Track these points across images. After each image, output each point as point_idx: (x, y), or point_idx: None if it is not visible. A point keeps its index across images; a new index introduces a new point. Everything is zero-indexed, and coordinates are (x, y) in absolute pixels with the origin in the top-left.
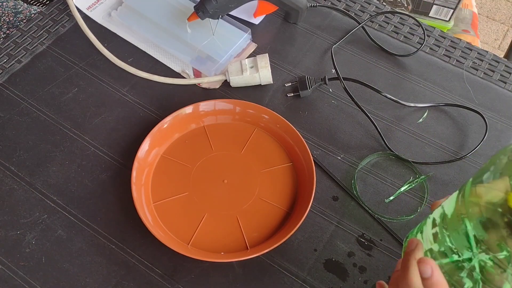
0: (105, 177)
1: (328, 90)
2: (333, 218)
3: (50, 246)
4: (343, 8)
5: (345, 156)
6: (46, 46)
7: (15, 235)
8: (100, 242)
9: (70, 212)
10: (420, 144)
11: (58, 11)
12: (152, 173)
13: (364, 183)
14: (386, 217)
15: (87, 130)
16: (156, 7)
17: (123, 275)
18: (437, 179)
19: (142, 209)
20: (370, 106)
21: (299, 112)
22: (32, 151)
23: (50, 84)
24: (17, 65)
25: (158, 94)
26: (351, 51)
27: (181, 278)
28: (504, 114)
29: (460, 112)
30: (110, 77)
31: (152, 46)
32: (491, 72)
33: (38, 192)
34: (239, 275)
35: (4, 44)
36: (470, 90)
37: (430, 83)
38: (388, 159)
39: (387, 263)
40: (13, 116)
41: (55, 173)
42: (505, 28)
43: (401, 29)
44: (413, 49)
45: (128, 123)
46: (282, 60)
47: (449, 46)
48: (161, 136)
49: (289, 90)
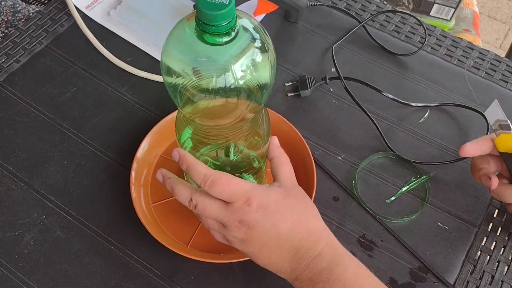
0: (104, 177)
1: (328, 89)
2: (333, 218)
3: (48, 247)
4: (344, 7)
5: (346, 156)
6: (44, 45)
7: (13, 235)
8: (99, 243)
9: (69, 212)
10: (422, 144)
11: (56, 10)
12: (151, 174)
13: (365, 183)
14: (387, 218)
15: (85, 130)
16: (156, 6)
17: (122, 276)
18: (439, 180)
19: (141, 210)
20: (371, 106)
21: (300, 112)
22: (30, 151)
23: (48, 83)
24: (15, 64)
25: (158, 94)
26: (352, 50)
27: (181, 279)
28: (506, 114)
29: (461, 112)
30: (109, 76)
31: (151, 46)
32: (493, 71)
33: (36, 193)
34: (239, 276)
35: (2, 43)
36: (471, 90)
37: (431, 82)
38: (389, 159)
39: (388, 264)
40: (11, 116)
41: (54, 173)
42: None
43: (402, 28)
44: (414, 48)
45: (127, 123)
46: (283, 60)
47: (450, 46)
48: (160, 136)
49: (289, 89)
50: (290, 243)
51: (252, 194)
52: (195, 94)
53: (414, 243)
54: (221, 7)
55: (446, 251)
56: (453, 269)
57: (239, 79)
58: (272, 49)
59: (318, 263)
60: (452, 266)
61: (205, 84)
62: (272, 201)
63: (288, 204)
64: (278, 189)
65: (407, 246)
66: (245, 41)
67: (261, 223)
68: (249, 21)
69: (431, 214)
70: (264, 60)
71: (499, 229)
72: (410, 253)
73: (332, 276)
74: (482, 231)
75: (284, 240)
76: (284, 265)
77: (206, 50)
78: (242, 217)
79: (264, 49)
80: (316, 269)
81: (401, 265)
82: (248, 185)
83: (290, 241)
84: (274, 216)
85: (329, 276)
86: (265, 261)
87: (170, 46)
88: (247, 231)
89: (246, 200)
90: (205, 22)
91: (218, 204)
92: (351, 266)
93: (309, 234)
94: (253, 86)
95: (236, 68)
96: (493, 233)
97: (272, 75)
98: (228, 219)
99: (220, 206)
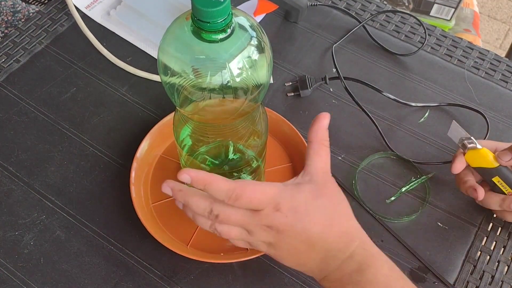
0: (104, 177)
1: (328, 89)
2: None
3: (48, 247)
4: (344, 7)
5: (345, 156)
6: (44, 45)
7: (13, 235)
8: (99, 243)
9: (69, 212)
10: (422, 144)
11: (56, 10)
12: (151, 173)
13: (365, 183)
14: (387, 218)
15: (85, 130)
16: (156, 6)
17: (122, 276)
18: (439, 179)
19: (141, 210)
20: (371, 106)
21: (300, 112)
22: (30, 151)
23: (48, 83)
24: (15, 64)
25: (157, 94)
26: (352, 50)
27: (181, 279)
28: (506, 114)
29: (461, 112)
30: (109, 76)
31: (151, 45)
32: (493, 71)
33: (36, 193)
34: (239, 276)
35: (2, 43)
36: (471, 90)
37: (431, 82)
38: (389, 159)
39: None
40: (11, 116)
41: (54, 173)
42: (506, 27)
43: (402, 28)
44: (414, 48)
45: (127, 122)
46: (282, 60)
47: (451, 46)
48: (160, 136)
49: (289, 89)
50: (321, 246)
51: (280, 199)
52: (192, 92)
53: (414, 243)
54: (217, 4)
55: (446, 251)
56: (453, 269)
57: (236, 76)
58: (268, 47)
59: (349, 264)
60: (452, 266)
61: (202, 82)
62: (302, 203)
63: (319, 205)
64: (309, 186)
65: (407, 246)
66: (241, 38)
67: (292, 227)
68: (245, 18)
69: (431, 214)
70: (260, 57)
71: (499, 229)
72: (410, 253)
73: (363, 278)
74: (482, 231)
75: (314, 243)
76: (313, 266)
77: (202, 47)
78: (271, 223)
79: (261, 46)
80: (346, 271)
81: (401, 265)
82: (274, 189)
83: (321, 243)
84: (304, 218)
85: (360, 278)
86: (294, 263)
87: (166, 44)
88: (276, 235)
89: (275, 206)
90: (201, 19)
91: (243, 211)
92: (384, 268)
93: (341, 236)
94: (250, 83)
95: (232, 65)
96: (493, 233)
97: (268, 72)
98: (255, 225)
99: (246, 214)
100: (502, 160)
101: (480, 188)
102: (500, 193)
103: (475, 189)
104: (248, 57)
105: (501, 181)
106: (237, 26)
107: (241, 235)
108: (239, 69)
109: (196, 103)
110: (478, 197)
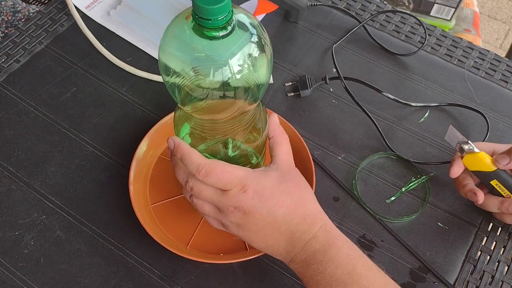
0: (104, 177)
1: (328, 89)
2: (333, 218)
3: (48, 247)
4: (344, 7)
5: (346, 156)
6: (44, 45)
7: (13, 236)
8: (99, 243)
9: (69, 212)
10: (422, 144)
11: (56, 10)
12: (150, 174)
13: (365, 183)
14: (387, 218)
15: (85, 130)
16: (156, 6)
17: (122, 276)
18: (439, 180)
19: (140, 211)
20: (371, 106)
21: (300, 112)
22: (30, 151)
23: (48, 83)
24: (15, 64)
25: (157, 94)
26: (352, 50)
27: (180, 280)
28: (506, 114)
29: (461, 112)
30: (109, 76)
31: (151, 45)
32: (493, 71)
33: (36, 193)
34: (238, 276)
35: (2, 43)
36: (471, 90)
37: (431, 82)
38: (389, 159)
39: (388, 264)
40: (12, 116)
41: (54, 173)
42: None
43: (402, 28)
44: (414, 48)
45: (127, 123)
46: (283, 60)
47: (451, 46)
48: (160, 137)
49: (289, 89)
50: (286, 228)
51: (247, 181)
52: (193, 89)
53: (414, 243)
54: (217, 1)
55: (446, 251)
56: (453, 269)
57: (236, 73)
58: (268, 44)
59: (312, 245)
60: (452, 266)
61: (202, 79)
62: (268, 187)
63: (284, 189)
64: (275, 172)
65: (407, 246)
66: (241, 36)
67: (257, 209)
68: (246, 16)
69: (431, 214)
70: (261, 54)
71: (499, 229)
72: (410, 253)
73: (326, 257)
74: (482, 231)
75: (280, 225)
76: (280, 248)
77: (202, 45)
78: (238, 203)
79: (261, 43)
80: (310, 251)
81: (401, 265)
82: (242, 172)
83: (286, 225)
84: (270, 201)
85: (322, 258)
86: (261, 244)
87: (167, 44)
88: (243, 216)
89: (242, 187)
90: (202, 16)
91: (214, 189)
92: (344, 247)
93: (305, 218)
94: (250, 81)
95: (233, 62)
96: (493, 233)
97: (269, 68)
98: (224, 204)
99: (216, 192)
100: (499, 164)
101: (480, 191)
102: (499, 196)
103: (475, 193)
104: (248, 53)
105: (499, 184)
106: (238, 23)
107: (213, 213)
108: (240, 65)
109: (197, 100)
110: (478, 200)
